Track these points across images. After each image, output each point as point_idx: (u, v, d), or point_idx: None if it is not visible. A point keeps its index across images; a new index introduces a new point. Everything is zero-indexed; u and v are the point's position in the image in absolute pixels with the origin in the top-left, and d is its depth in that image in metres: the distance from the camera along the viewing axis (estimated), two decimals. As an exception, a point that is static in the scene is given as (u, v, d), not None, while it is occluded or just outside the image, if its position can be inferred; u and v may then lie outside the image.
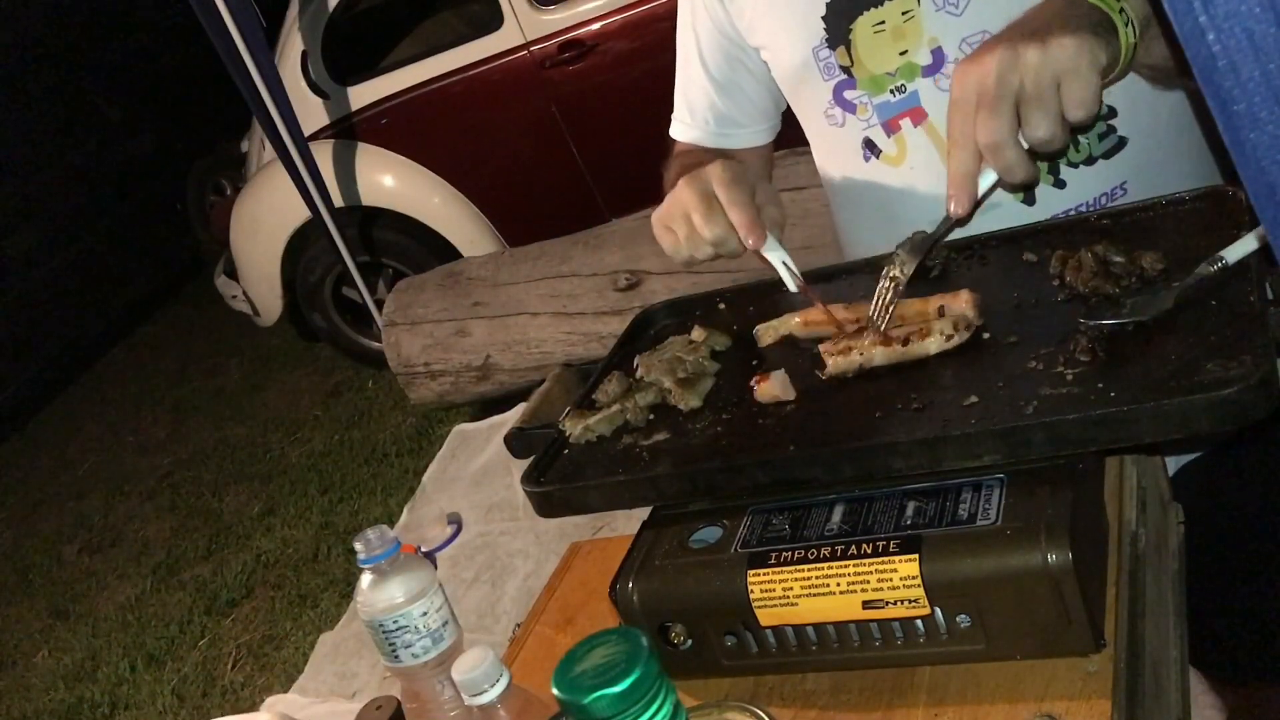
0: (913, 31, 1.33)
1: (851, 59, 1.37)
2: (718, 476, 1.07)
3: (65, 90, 7.94)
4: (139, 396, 6.85)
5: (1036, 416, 0.94)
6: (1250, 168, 0.58)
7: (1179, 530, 1.24)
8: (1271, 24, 0.54)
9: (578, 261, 4.01)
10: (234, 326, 6.59)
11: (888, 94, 1.37)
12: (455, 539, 2.84)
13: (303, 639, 3.77)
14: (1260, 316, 0.95)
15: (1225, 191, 1.17)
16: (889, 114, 1.38)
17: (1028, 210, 1.36)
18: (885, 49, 1.35)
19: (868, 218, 1.50)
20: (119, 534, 5.22)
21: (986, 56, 1.07)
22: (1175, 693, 1.07)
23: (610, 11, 4.61)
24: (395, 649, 1.15)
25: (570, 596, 1.35)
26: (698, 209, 1.23)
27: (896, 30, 1.33)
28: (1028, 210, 1.36)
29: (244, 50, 4.27)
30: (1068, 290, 1.10)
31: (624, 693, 0.76)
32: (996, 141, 1.07)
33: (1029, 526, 0.91)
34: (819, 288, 1.29)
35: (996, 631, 0.93)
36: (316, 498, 4.74)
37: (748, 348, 1.27)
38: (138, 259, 8.09)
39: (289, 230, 5.10)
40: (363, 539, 1.16)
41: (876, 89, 1.37)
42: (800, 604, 0.98)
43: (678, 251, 1.29)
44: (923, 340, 1.08)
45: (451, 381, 4.18)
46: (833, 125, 1.44)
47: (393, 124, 4.96)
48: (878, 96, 1.38)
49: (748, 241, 1.22)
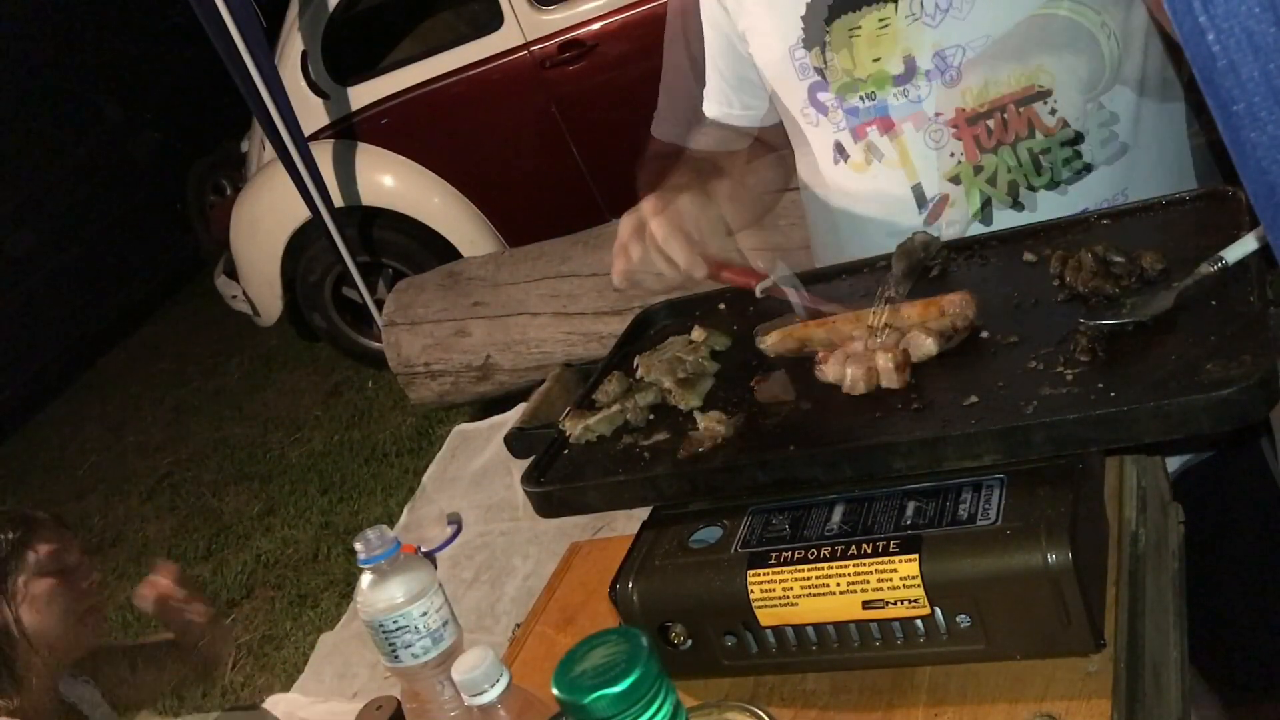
0: (887, 40, 1.32)
1: (825, 61, 1.36)
2: (718, 476, 1.07)
3: (65, 90, 7.93)
4: (139, 396, 6.84)
5: (1036, 416, 0.94)
6: (1250, 168, 0.58)
7: (1179, 530, 1.24)
8: (1271, 24, 0.54)
9: (578, 261, 4.01)
10: (234, 326, 6.58)
11: (858, 100, 1.36)
12: (455, 539, 2.83)
13: (303, 639, 3.77)
14: (1260, 316, 0.95)
15: (1225, 191, 1.17)
16: (857, 120, 1.37)
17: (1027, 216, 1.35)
18: (859, 55, 1.34)
19: (833, 221, 1.49)
20: (119, 534, 5.22)
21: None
22: (1175, 693, 1.07)
23: (610, 11, 4.61)
24: (395, 649, 1.14)
25: (570, 596, 1.35)
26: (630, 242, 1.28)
27: (871, 37, 1.32)
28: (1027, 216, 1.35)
29: (244, 50, 4.26)
30: (1068, 290, 1.10)
31: (624, 693, 0.76)
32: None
33: (1029, 526, 0.91)
34: (818, 288, 1.29)
35: (996, 631, 0.93)
36: (316, 498, 4.74)
37: (748, 348, 1.26)
38: (138, 259, 8.08)
39: (289, 230, 5.10)
40: (363, 539, 1.15)
41: (847, 94, 1.37)
42: (800, 604, 0.98)
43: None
44: (922, 341, 1.08)
45: (451, 381, 4.18)
46: (807, 124, 1.44)
47: (393, 124, 4.95)
48: (848, 101, 1.37)
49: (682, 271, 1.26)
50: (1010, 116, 1.30)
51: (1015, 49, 1.28)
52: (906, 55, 1.31)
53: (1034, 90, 1.29)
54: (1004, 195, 1.33)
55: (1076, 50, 1.27)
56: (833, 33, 1.34)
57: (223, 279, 5.78)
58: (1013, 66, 1.28)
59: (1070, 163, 1.32)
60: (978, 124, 1.31)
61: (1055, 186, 1.33)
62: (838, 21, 1.34)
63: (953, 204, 1.34)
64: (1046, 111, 1.29)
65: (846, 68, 1.35)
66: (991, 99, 1.30)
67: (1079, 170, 1.32)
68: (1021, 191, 1.33)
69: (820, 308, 1.22)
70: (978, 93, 1.30)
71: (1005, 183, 1.32)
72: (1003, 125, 1.30)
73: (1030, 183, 1.32)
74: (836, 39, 1.34)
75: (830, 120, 1.40)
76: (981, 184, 1.33)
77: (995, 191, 1.33)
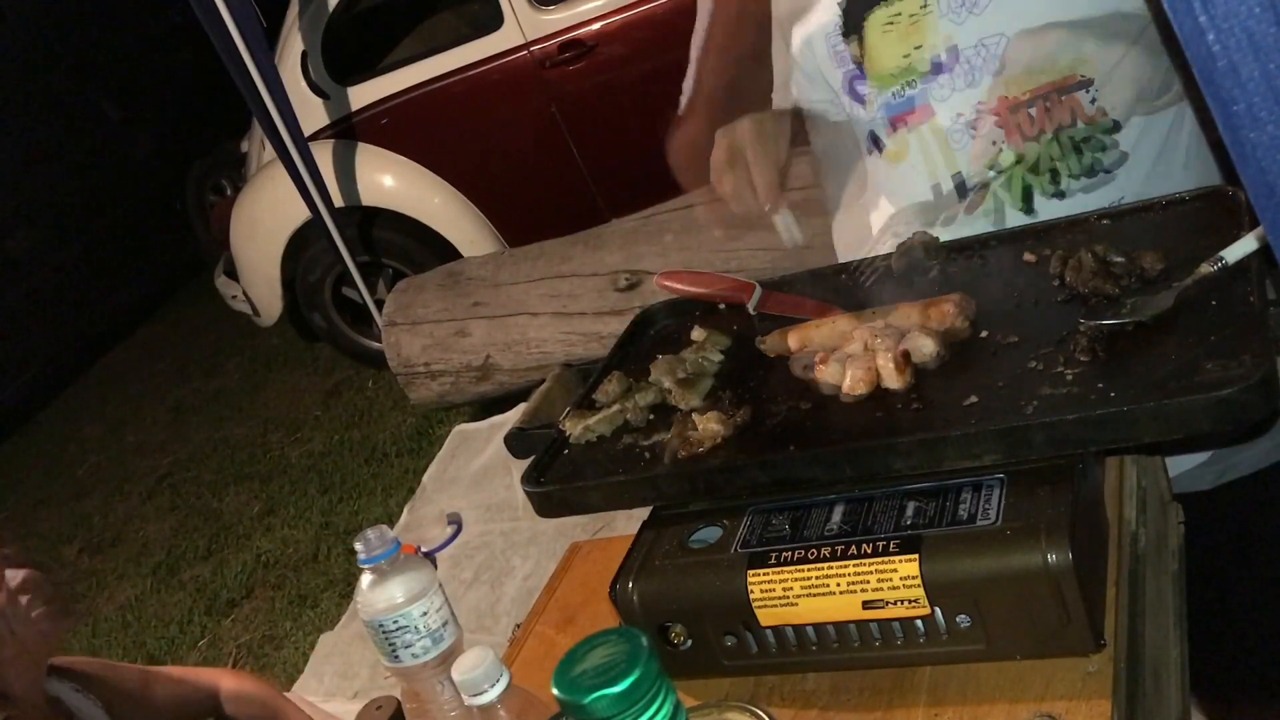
0: (920, 33, 1.32)
1: (863, 52, 1.37)
2: (718, 476, 1.07)
3: (65, 90, 7.93)
4: (139, 396, 6.84)
5: (1036, 416, 0.94)
6: (1250, 168, 0.58)
7: (1179, 530, 1.24)
8: (1271, 24, 0.54)
9: (578, 261, 4.01)
10: (234, 326, 6.58)
11: (894, 92, 1.37)
12: (455, 539, 2.84)
13: (303, 639, 3.77)
14: (1260, 316, 0.95)
15: (1225, 191, 1.17)
16: (894, 111, 1.38)
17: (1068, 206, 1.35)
18: (894, 47, 1.34)
19: (860, 209, 1.49)
20: (119, 534, 5.22)
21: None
22: (1175, 693, 1.07)
23: (610, 11, 4.61)
24: (395, 649, 1.14)
25: (570, 596, 1.35)
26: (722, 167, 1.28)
27: (906, 29, 1.33)
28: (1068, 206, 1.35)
29: (244, 50, 4.26)
30: (1068, 290, 1.10)
31: (624, 693, 0.76)
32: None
33: (1029, 526, 0.91)
34: (818, 289, 1.29)
35: (996, 631, 0.93)
36: (316, 498, 4.74)
37: (748, 348, 1.27)
38: (138, 259, 8.09)
39: (289, 230, 5.10)
40: (363, 539, 1.15)
41: (884, 85, 1.37)
42: (800, 604, 0.98)
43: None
44: (923, 343, 1.08)
45: (451, 381, 4.18)
46: (841, 113, 1.45)
47: (393, 124, 4.95)
48: (884, 93, 1.38)
49: (764, 205, 1.27)
50: (1053, 104, 1.30)
51: (1058, 37, 1.27)
52: (949, 43, 1.32)
53: (1076, 79, 1.29)
54: (1047, 184, 1.32)
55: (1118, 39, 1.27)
56: (869, 23, 1.35)
57: (223, 279, 5.77)
58: (1056, 54, 1.28)
59: (1107, 151, 1.31)
60: (1020, 112, 1.30)
61: (1094, 175, 1.32)
62: (874, 12, 1.35)
63: (993, 193, 1.34)
64: (1088, 100, 1.29)
65: (883, 59, 1.35)
66: (1034, 87, 1.29)
67: (1115, 160, 1.31)
68: (1064, 180, 1.32)
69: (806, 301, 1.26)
70: (1021, 80, 1.29)
71: (1048, 171, 1.32)
72: (1045, 113, 1.30)
73: (1072, 170, 1.32)
74: (872, 30, 1.35)
75: (866, 110, 1.40)
76: (1024, 172, 1.32)
77: (1038, 180, 1.32)
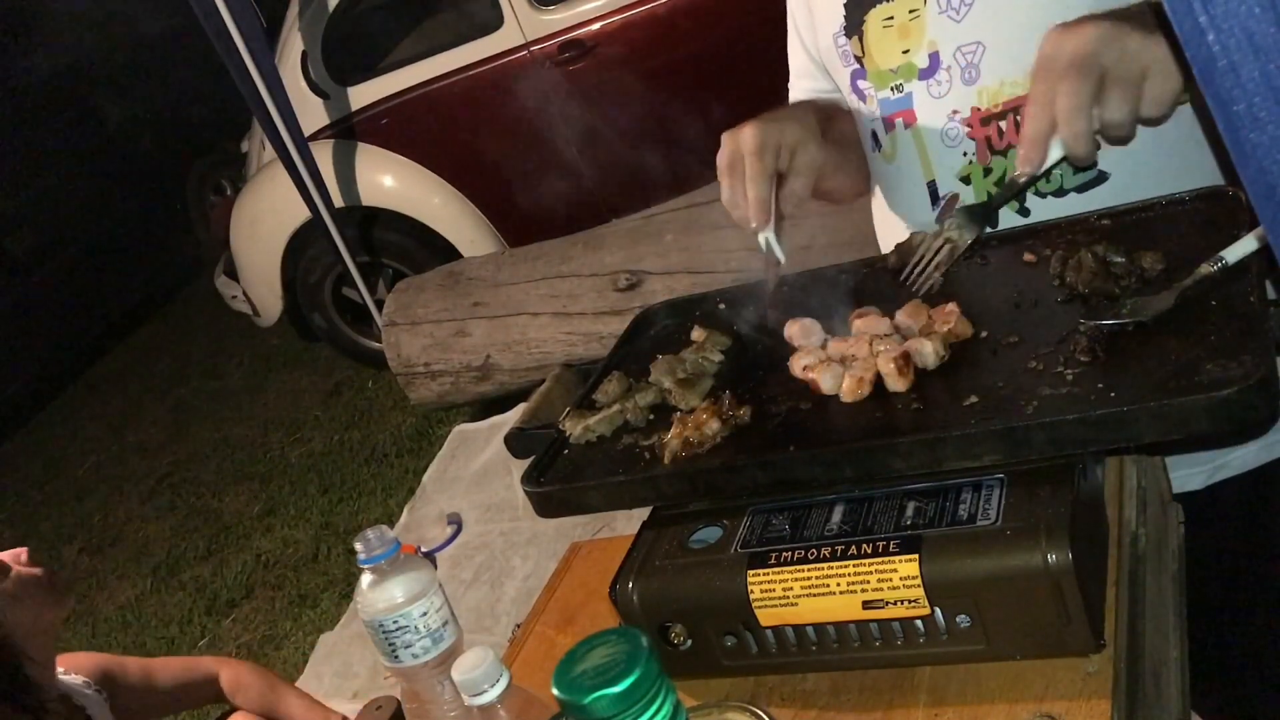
0: (915, 31, 1.32)
1: (863, 50, 1.38)
2: (718, 476, 1.07)
3: (65, 90, 7.94)
4: (139, 396, 6.85)
5: (1036, 416, 0.94)
6: (1250, 168, 0.58)
7: (1179, 530, 1.24)
8: (1271, 24, 0.54)
9: (578, 261, 4.01)
10: (234, 326, 6.59)
11: (889, 90, 1.37)
12: (455, 539, 2.83)
13: (303, 639, 3.77)
14: (1260, 316, 0.95)
15: (1225, 191, 1.17)
16: (888, 110, 1.38)
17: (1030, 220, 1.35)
18: (890, 45, 1.35)
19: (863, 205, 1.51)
20: (119, 534, 5.22)
21: (1087, 26, 1.07)
22: (1175, 692, 1.07)
23: (610, 11, 4.61)
24: (395, 649, 1.15)
25: (570, 596, 1.35)
26: (723, 172, 1.29)
27: (902, 28, 1.33)
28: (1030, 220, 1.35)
29: (244, 50, 4.27)
30: (1068, 290, 1.10)
31: (624, 693, 0.76)
32: (1075, 106, 1.07)
33: (1029, 526, 0.91)
34: (817, 288, 1.29)
35: (996, 631, 0.93)
36: (316, 498, 4.74)
37: (748, 348, 1.27)
38: (138, 259, 8.09)
39: (289, 230, 5.10)
40: (363, 539, 1.16)
41: (880, 84, 1.38)
42: (800, 604, 0.98)
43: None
44: (924, 349, 1.08)
45: (451, 381, 4.18)
46: (850, 109, 1.47)
47: (393, 124, 4.96)
48: (880, 91, 1.38)
49: (750, 223, 1.26)
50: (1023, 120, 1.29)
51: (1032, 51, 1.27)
52: (932, 49, 1.32)
53: None
54: (1045, 186, 1.31)
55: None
56: (869, 22, 1.36)
57: (223, 279, 5.78)
58: (1028, 69, 1.27)
59: (1079, 172, 1.29)
60: (990, 125, 1.30)
61: (1063, 195, 1.30)
62: (873, 10, 1.36)
63: (961, 203, 1.34)
64: None
65: (880, 57, 1.36)
66: (1005, 100, 1.29)
67: (1091, 180, 1.29)
68: (1028, 197, 1.32)
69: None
70: (993, 92, 1.29)
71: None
72: (1015, 128, 1.29)
73: (1038, 189, 1.31)
74: (871, 28, 1.36)
75: (867, 108, 1.41)
76: (990, 186, 1.32)
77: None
